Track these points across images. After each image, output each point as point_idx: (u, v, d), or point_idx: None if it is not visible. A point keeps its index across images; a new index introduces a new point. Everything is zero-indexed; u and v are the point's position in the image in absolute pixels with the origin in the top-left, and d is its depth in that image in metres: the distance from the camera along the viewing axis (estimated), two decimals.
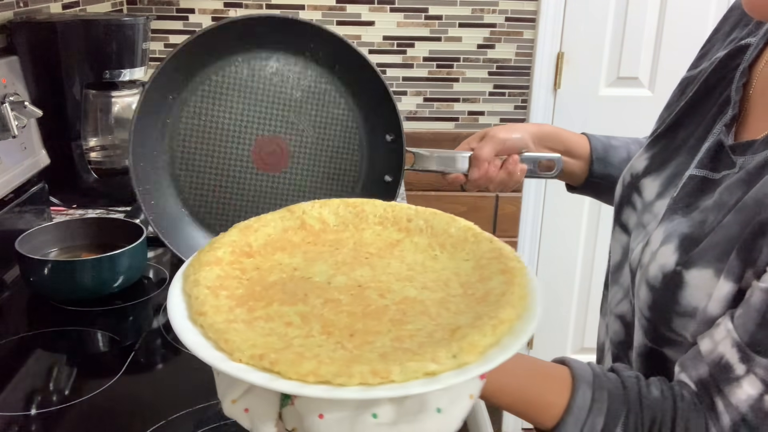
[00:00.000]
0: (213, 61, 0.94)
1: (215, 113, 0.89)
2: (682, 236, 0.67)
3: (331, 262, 0.64)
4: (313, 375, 0.47)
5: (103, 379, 0.82)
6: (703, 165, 0.71)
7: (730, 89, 0.74)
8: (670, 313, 0.66)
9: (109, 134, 1.39)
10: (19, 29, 1.22)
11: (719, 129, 0.72)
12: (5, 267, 1.07)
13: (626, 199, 0.83)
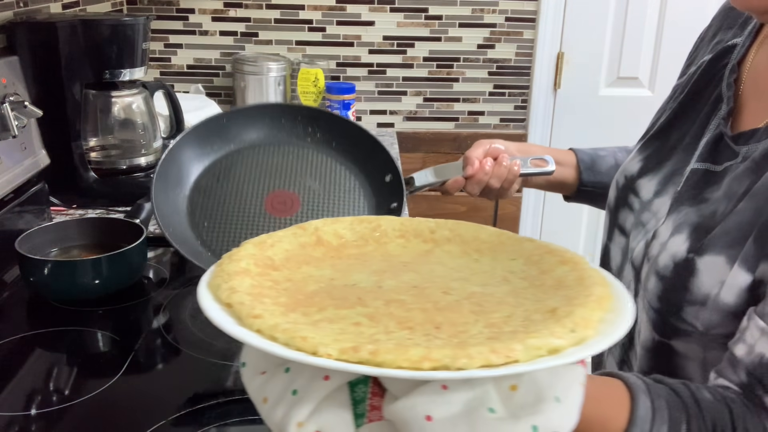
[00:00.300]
0: (234, 135, 1.01)
1: (232, 176, 0.96)
2: (693, 225, 0.69)
3: (368, 272, 0.60)
4: (427, 360, 0.43)
5: (103, 379, 0.82)
6: (704, 158, 0.74)
7: (720, 87, 0.77)
8: (681, 302, 0.67)
9: (109, 134, 1.39)
10: (19, 29, 1.22)
11: (716, 123, 0.75)
12: (5, 267, 1.07)
13: (622, 201, 0.84)
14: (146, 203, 1.13)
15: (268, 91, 1.90)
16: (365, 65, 2.05)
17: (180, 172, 0.90)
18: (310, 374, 0.47)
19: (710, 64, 0.82)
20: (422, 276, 0.59)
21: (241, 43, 2.02)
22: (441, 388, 0.45)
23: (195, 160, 0.94)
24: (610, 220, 0.87)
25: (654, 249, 0.73)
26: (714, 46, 0.84)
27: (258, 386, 0.50)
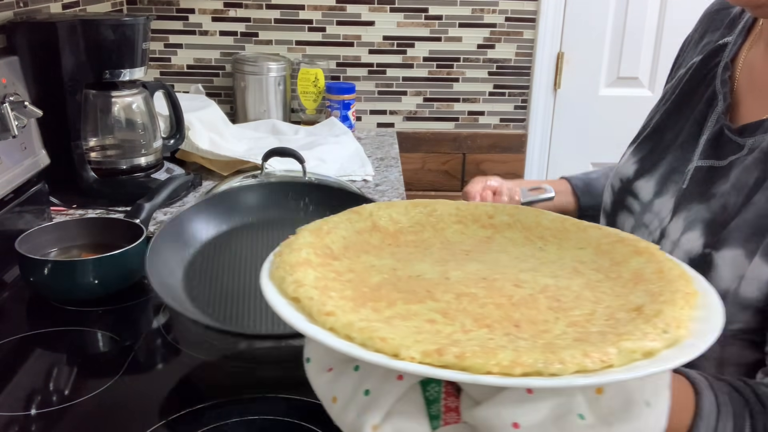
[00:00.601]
0: (222, 219, 0.99)
1: (226, 256, 0.94)
2: (706, 221, 0.69)
3: (430, 261, 0.58)
4: (518, 365, 0.41)
5: (103, 379, 0.82)
6: (707, 155, 0.75)
7: (713, 85, 0.79)
8: None
9: (109, 134, 1.39)
10: (19, 29, 1.22)
11: (714, 120, 0.76)
12: (5, 267, 1.07)
13: (620, 205, 0.85)
14: (146, 203, 1.13)
15: (268, 91, 1.90)
16: (365, 65, 2.05)
17: (167, 262, 0.87)
18: (383, 373, 0.46)
19: (701, 64, 0.83)
20: (488, 266, 0.57)
21: (241, 43, 2.02)
22: (526, 393, 0.43)
23: (181, 248, 0.92)
24: (607, 224, 0.88)
25: (665, 248, 0.73)
26: (702, 48, 0.85)
27: (325, 384, 0.49)
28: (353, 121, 1.94)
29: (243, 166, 1.52)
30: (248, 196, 1.01)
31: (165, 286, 0.80)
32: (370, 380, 0.46)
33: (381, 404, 0.45)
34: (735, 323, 0.66)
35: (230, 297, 0.83)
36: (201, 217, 0.96)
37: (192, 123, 1.56)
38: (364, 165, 1.61)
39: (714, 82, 0.79)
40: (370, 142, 1.90)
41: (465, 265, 0.57)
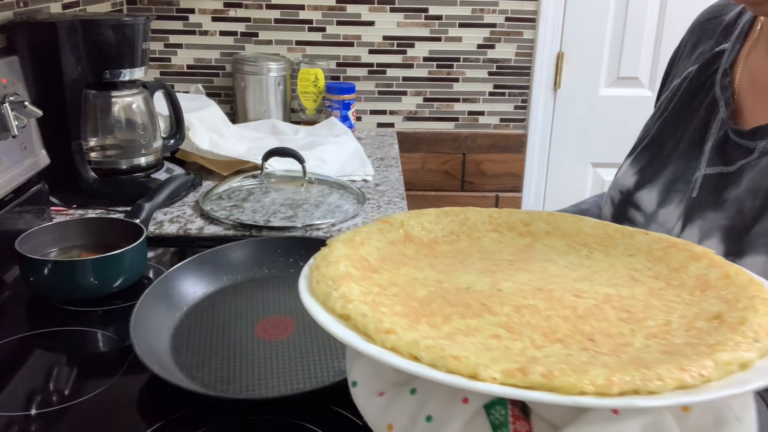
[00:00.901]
0: (209, 279, 0.97)
1: (216, 314, 0.91)
2: (724, 229, 0.68)
3: (474, 272, 0.55)
4: (615, 384, 0.38)
5: (103, 379, 0.82)
6: (714, 162, 0.74)
7: (713, 92, 0.78)
8: None
9: (109, 134, 1.39)
10: (19, 29, 1.22)
11: (717, 126, 0.75)
12: (5, 267, 1.07)
13: (621, 217, 0.84)
14: (146, 203, 1.13)
15: (268, 91, 1.90)
16: (365, 65, 2.05)
17: (154, 322, 0.85)
18: (446, 396, 0.42)
19: (698, 72, 0.82)
20: (538, 276, 0.54)
21: (241, 43, 2.02)
22: (612, 414, 0.39)
23: (169, 308, 0.90)
24: None
25: None
26: (697, 58, 0.85)
27: (378, 410, 0.45)
28: (353, 121, 1.94)
29: (243, 166, 1.52)
30: (237, 254, 0.99)
31: (150, 349, 0.78)
32: (431, 404, 0.42)
33: (453, 424, 0.41)
34: None
35: (220, 359, 0.81)
36: (188, 277, 0.94)
37: (192, 123, 1.56)
38: (364, 165, 1.61)
39: (713, 89, 0.79)
40: (370, 142, 1.90)
41: (513, 276, 0.54)
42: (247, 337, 0.84)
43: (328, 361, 0.80)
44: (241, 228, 1.25)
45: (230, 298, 0.93)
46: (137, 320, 0.82)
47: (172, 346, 0.83)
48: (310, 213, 1.31)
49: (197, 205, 1.34)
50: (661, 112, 0.87)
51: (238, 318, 0.88)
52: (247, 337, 0.84)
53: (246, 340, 0.84)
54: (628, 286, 0.53)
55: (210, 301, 0.92)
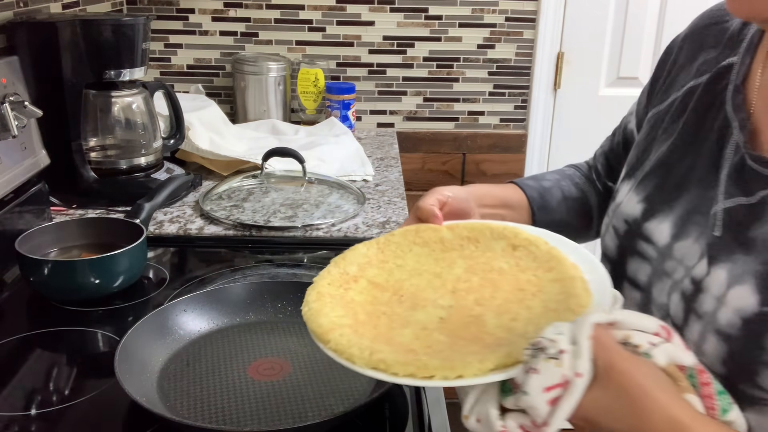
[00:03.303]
0: (194, 326, 0.92)
1: (204, 359, 0.87)
2: (759, 274, 0.60)
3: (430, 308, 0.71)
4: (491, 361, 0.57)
5: (103, 379, 0.82)
6: (732, 193, 0.66)
7: (724, 111, 0.71)
8: (754, 365, 0.59)
9: (109, 134, 1.39)
10: (19, 29, 1.22)
11: (732, 151, 0.68)
12: (5, 267, 1.07)
13: (630, 250, 0.76)
14: (146, 203, 1.13)
15: (268, 91, 1.90)
16: (365, 65, 2.05)
17: (141, 362, 0.81)
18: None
19: (707, 87, 0.74)
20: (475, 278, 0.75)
21: (241, 43, 2.02)
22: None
23: (153, 351, 0.85)
24: (615, 272, 0.77)
25: (707, 304, 0.64)
26: (699, 68, 0.77)
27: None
28: (353, 121, 1.94)
29: (243, 166, 1.52)
30: (219, 306, 0.93)
31: (137, 382, 0.76)
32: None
33: (467, 399, 0.58)
34: None
35: (207, 398, 0.79)
36: (181, 314, 0.90)
37: (192, 123, 1.56)
38: (364, 165, 1.61)
39: (724, 107, 0.71)
40: (370, 142, 1.90)
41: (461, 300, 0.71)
42: (241, 379, 0.81)
43: (324, 400, 0.78)
44: (241, 228, 1.25)
45: (219, 342, 0.89)
46: (122, 355, 0.78)
47: (159, 385, 0.80)
48: (310, 213, 1.31)
49: (197, 205, 1.34)
50: (663, 132, 0.78)
51: (228, 363, 0.85)
52: (241, 379, 0.81)
53: (241, 383, 0.81)
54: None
55: (196, 347, 0.88)
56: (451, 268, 0.75)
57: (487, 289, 0.71)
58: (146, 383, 0.78)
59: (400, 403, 0.79)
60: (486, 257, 0.76)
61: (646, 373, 0.53)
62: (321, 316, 0.66)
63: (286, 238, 1.23)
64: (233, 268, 1.13)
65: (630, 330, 0.56)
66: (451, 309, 0.69)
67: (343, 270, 0.75)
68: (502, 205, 0.93)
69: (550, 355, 0.53)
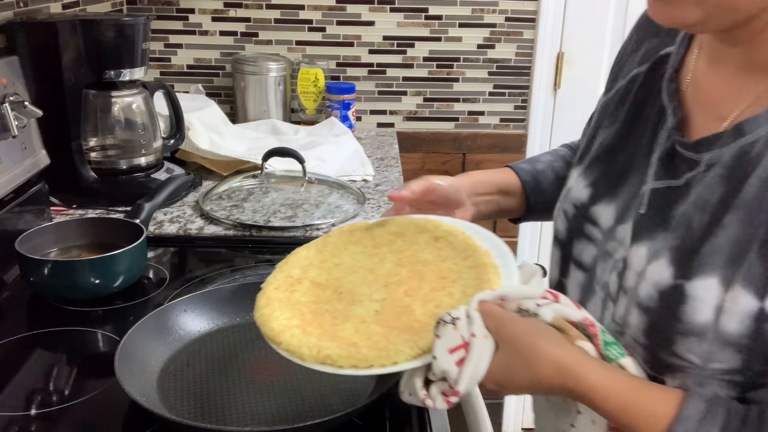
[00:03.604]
0: (195, 325, 0.92)
1: (202, 359, 0.86)
2: (673, 248, 0.64)
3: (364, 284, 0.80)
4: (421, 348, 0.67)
5: (103, 379, 0.82)
6: (660, 176, 0.70)
7: (660, 99, 0.74)
8: (671, 334, 0.62)
9: (109, 134, 1.39)
10: (19, 29, 1.22)
11: (665, 136, 0.71)
12: (5, 267, 1.07)
13: (577, 232, 0.79)
14: (146, 203, 1.13)
15: (268, 91, 1.90)
16: (365, 65, 2.05)
17: (141, 362, 0.81)
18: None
19: (646, 76, 0.77)
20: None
21: (241, 43, 2.02)
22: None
23: (153, 351, 0.84)
24: (563, 253, 0.81)
25: (630, 280, 0.68)
26: (643, 57, 0.80)
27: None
28: (353, 121, 1.94)
29: (243, 166, 1.52)
30: (231, 296, 0.94)
31: (137, 382, 0.76)
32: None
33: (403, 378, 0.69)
34: (715, 362, 0.61)
35: (207, 398, 0.78)
36: (181, 314, 0.90)
37: (192, 123, 1.56)
38: (364, 165, 1.61)
39: (661, 95, 0.74)
40: (370, 142, 1.90)
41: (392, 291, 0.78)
42: (241, 381, 0.81)
43: (324, 400, 0.78)
44: (241, 228, 1.25)
45: (217, 342, 0.89)
46: (122, 355, 0.78)
47: (159, 385, 0.80)
48: (310, 213, 1.31)
49: (197, 205, 1.34)
50: (608, 118, 0.81)
51: (226, 363, 0.85)
52: (241, 381, 0.81)
53: (240, 384, 0.81)
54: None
55: (195, 347, 0.87)
56: (382, 263, 0.81)
57: (415, 280, 0.78)
58: (146, 383, 0.78)
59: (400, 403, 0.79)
60: (412, 250, 0.82)
61: (528, 329, 0.63)
62: (272, 320, 0.73)
63: (286, 238, 1.23)
64: (233, 268, 1.13)
65: (520, 299, 0.66)
66: (384, 302, 0.76)
67: (287, 274, 0.81)
68: (497, 192, 0.97)
69: (448, 322, 0.64)
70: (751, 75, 0.65)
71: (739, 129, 0.64)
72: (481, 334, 0.63)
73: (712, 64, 0.70)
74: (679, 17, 0.63)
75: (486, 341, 0.63)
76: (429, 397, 0.65)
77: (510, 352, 0.63)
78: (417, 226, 0.85)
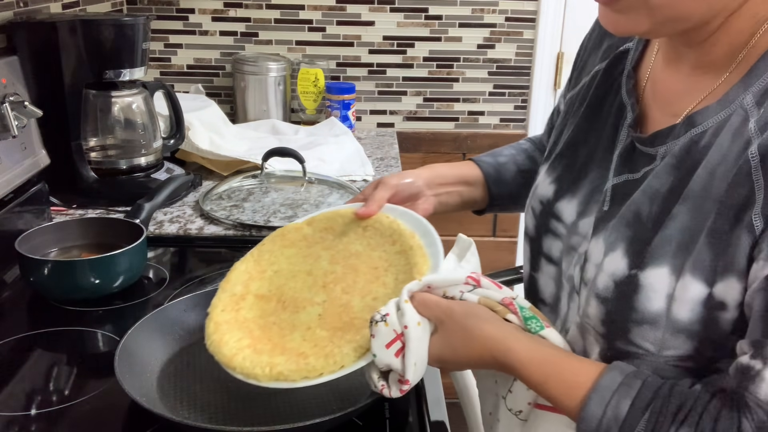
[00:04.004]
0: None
1: (202, 363, 0.85)
2: (627, 240, 0.65)
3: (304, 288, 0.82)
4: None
5: (103, 379, 0.82)
6: (620, 171, 0.71)
7: (620, 95, 0.75)
8: (626, 323, 0.64)
9: (109, 134, 1.39)
10: (19, 29, 1.22)
11: (624, 133, 0.72)
12: (5, 267, 1.07)
13: (544, 228, 0.80)
14: (146, 203, 1.13)
15: (268, 91, 1.90)
16: (365, 65, 2.05)
17: (141, 362, 0.80)
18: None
19: (606, 72, 0.79)
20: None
21: (241, 43, 2.02)
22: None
23: (153, 351, 0.84)
24: (533, 248, 0.83)
25: (589, 271, 0.69)
26: (605, 53, 0.81)
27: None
28: (353, 121, 1.94)
29: (243, 166, 1.52)
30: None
31: (137, 382, 0.75)
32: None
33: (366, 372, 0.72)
34: (669, 349, 0.62)
35: (207, 398, 0.78)
36: (181, 314, 0.89)
37: (192, 123, 1.56)
38: (364, 165, 1.61)
39: (620, 91, 0.76)
40: (370, 142, 1.90)
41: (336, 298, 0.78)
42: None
43: (324, 400, 0.78)
44: (241, 228, 1.25)
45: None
46: (122, 355, 0.77)
47: (159, 385, 0.80)
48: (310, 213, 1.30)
49: (197, 205, 1.34)
50: (573, 115, 0.82)
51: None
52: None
53: (239, 380, 0.79)
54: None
55: (196, 349, 0.86)
56: (318, 263, 0.82)
57: (350, 275, 0.79)
58: (146, 383, 0.78)
59: (400, 403, 0.79)
60: (343, 243, 0.82)
61: (461, 310, 0.68)
62: (222, 346, 0.73)
63: None
64: None
65: (445, 287, 0.69)
66: (325, 303, 0.77)
67: (230, 293, 0.80)
68: (460, 183, 1.00)
69: (378, 321, 0.66)
70: (705, 74, 0.67)
71: (690, 120, 0.65)
72: (414, 323, 0.66)
73: (668, 63, 0.71)
74: (630, 27, 0.64)
75: (419, 327, 0.67)
76: (386, 386, 0.68)
77: (447, 332, 0.68)
78: (344, 216, 0.85)
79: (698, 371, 0.62)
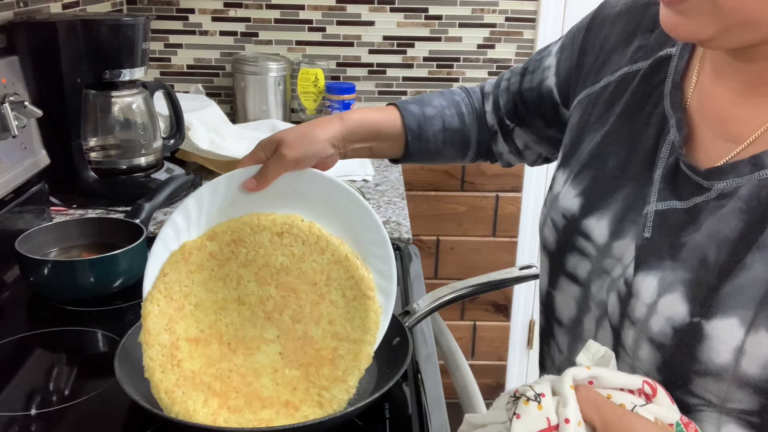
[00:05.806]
0: None
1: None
2: (688, 283, 0.59)
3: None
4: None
5: (103, 379, 0.82)
6: (665, 197, 0.64)
7: (661, 106, 0.68)
8: (688, 373, 0.59)
9: (109, 134, 1.39)
10: (19, 29, 1.22)
11: (667, 151, 0.66)
12: (5, 267, 1.07)
13: (569, 246, 0.73)
14: (146, 203, 1.13)
15: (268, 92, 1.90)
16: (365, 65, 2.05)
17: (141, 362, 0.77)
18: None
19: (644, 79, 0.71)
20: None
21: (241, 43, 2.02)
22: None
23: None
24: (553, 265, 0.76)
25: (639, 311, 0.63)
26: (635, 54, 0.73)
27: None
28: None
29: None
30: None
31: (137, 382, 0.74)
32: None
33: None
34: (733, 402, 0.58)
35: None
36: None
37: (192, 123, 1.56)
38: (364, 165, 1.61)
39: (661, 102, 0.68)
40: None
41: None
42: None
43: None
44: None
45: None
46: (122, 355, 0.77)
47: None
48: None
49: None
50: (598, 120, 0.75)
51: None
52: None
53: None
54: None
55: None
56: (244, 287, 0.74)
57: (291, 298, 0.73)
58: (146, 383, 0.78)
59: (400, 403, 0.79)
60: (262, 257, 0.74)
61: (645, 428, 0.50)
62: (191, 415, 0.68)
63: None
64: None
65: (613, 388, 0.53)
66: (279, 339, 0.72)
67: (158, 346, 0.71)
68: (372, 139, 0.91)
69: (531, 399, 0.51)
70: (765, 95, 0.60)
71: (757, 161, 0.59)
72: (576, 420, 0.51)
73: (717, 75, 0.64)
74: (693, 31, 0.57)
75: (579, 429, 0.52)
76: None
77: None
78: (251, 225, 0.76)
79: (761, 427, 0.58)
